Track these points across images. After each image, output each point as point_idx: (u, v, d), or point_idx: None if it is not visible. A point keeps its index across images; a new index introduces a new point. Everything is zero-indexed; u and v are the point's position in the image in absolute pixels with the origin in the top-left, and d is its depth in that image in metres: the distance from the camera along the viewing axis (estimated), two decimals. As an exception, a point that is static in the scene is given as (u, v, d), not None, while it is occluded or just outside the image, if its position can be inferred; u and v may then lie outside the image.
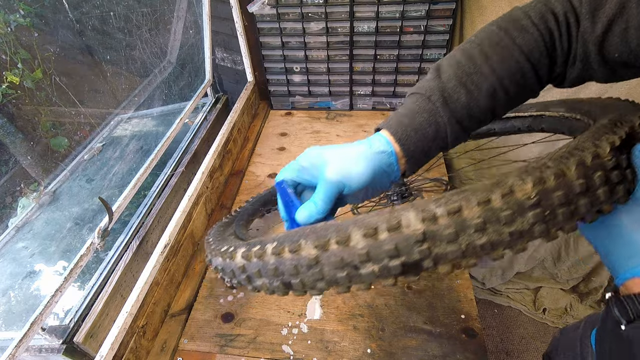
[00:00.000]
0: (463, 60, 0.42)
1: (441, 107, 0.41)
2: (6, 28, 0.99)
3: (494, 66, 0.41)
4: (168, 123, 1.08)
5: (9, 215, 0.93)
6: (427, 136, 0.42)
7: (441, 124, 0.42)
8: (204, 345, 0.69)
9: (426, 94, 0.42)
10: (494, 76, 0.41)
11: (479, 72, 0.41)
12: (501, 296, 1.64)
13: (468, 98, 0.41)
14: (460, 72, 0.42)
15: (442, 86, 0.42)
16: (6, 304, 0.79)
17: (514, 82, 0.42)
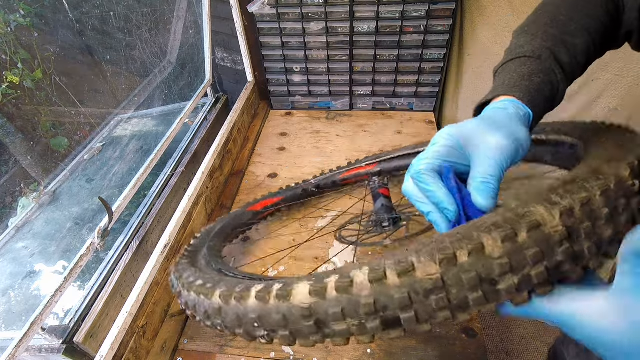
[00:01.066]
0: (549, 22, 0.44)
1: (554, 66, 0.42)
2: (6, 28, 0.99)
3: (581, 23, 0.43)
4: (168, 123, 1.08)
5: (9, 215, 0.93)
6: (545, 96, 0.41)
7: (555, 83, 0.42)
8: (204, 345, 0.69)
9: (534, 54, 0.42)
10: (585, 34, 0.43)
11: (571, 33, 0.43)
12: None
13: (569, 56, 0.42)
14: (555, 31, 0.43)
15: (546, 46, 0.42)
16: (6, 304, 0.79)
17: (601, 34, 0.43)
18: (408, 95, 1.26)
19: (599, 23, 0.44)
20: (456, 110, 1.26)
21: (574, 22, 0.43)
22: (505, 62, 0.45)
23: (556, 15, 0.44)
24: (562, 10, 0.45)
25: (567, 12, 0.44)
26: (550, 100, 0.42)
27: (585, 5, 0.44)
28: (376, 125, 1.25)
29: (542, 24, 0.44)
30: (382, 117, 1.28)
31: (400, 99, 1.27)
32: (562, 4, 0.46)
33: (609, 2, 0.44)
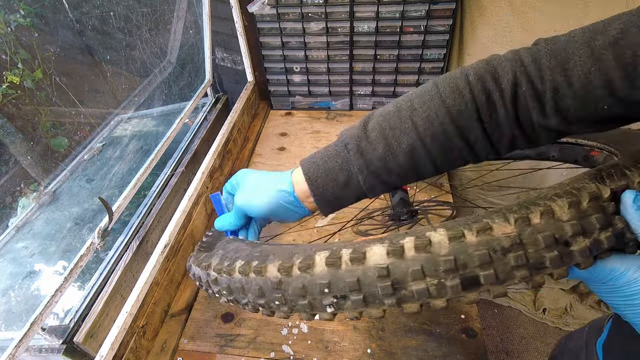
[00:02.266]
0: (392, 111, 0.41)
1: (354, 156, 0.41)
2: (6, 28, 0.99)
3: (417, 123, 0.39)
4: (168, 123, 1.08)
5: (9, 215, 0.93)
6: (338, 182, 0.42)
7: (353, 173, 0.41)
8: (204, 345, 0.69)
9: (345, 140, 0.42)
10: (414, 133, 0.39)
11: (402, 127, 0.39)
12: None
13: (385, 151, 0.40)
14: (385, 124, 0.40)
15: (363, 136, 0.41)
16: (6, 304, 0.79)
17: (437, 143, 0.39)
18: (408, 95, 1.26)
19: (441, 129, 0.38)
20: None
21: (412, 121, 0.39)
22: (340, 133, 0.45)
23: (401, 107, 0.40)
24: (415, 102, 0.40)
25: (416, 105, 0.40)
26: (348, 186, 0.42)
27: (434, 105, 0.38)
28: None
29: (385, 112, 0.42)
30: (382, 117, 1.28)
31: (400, 99, 1.27)
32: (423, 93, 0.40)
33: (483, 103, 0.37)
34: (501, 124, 0.38)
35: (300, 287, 0.32)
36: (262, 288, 0.35)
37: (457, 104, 0.38)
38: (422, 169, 0.41)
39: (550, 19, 0.96)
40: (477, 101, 0.38)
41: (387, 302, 0.31)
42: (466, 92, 0.38)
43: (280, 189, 0.45)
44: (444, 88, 0.39)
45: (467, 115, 0.38)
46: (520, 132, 0.38)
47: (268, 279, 0.34)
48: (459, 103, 0.38)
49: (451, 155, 0.40)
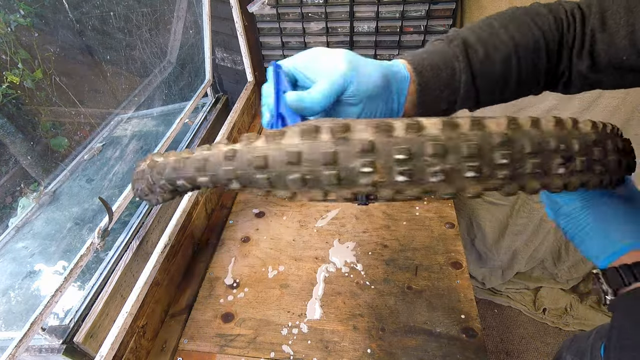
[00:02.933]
0: (482, 26, 0.43)
1: (460, 52, 0.40)
2: (6, 28, 0.99)
3: (511, 33, 0.41)
4: (168, 123, 1.08)
5: (9, 215, 0.94)
6: (441, 78, 0.40)
7: (457, 70, 0.40)
8: (204, 345, 0.69)
9: (447, 38, 0.42)
10: (511, 42, 0.41)
11: (497, 36, 0.41)
12: (501, 296, 1.64)
13: (484, 55, 0.41)
14: (479, 32, 0.42)
15: (463, 36, 0.41)
16: (6, 304, 0.79)
17: (528, 54, 0.41)
18: (408, 95, 1.26)
19: (532, 42, 0.41)
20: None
21: (505, 30, 0.41)
22: (430, 41, 0.45)
23: (493, 20, 0.43)
24: (502, 18, 0.43)
25: (504, 21, 0.43)
26: (448, 86, 0.41)
27: (527, 21, 0.42)
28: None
29: (477, 24, 0.44)
30: (382, 117, 1.28)
31: (400, 99, 1.27)
32: (506, 13, 0.44)
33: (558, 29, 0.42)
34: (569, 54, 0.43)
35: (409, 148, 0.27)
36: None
37: (543, 23, 0.42)
38: (510, 83, 0.42)
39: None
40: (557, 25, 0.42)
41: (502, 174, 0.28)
42: (548, 16, 0.42)
43: (394, 65, 0.40)
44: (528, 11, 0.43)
45: (551, 35, 0.42)
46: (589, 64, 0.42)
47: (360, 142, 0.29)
48: (543, 23, 0.42)
49: (534, 72, 0.43)
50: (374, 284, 0.76)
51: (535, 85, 0.45)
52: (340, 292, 0.75)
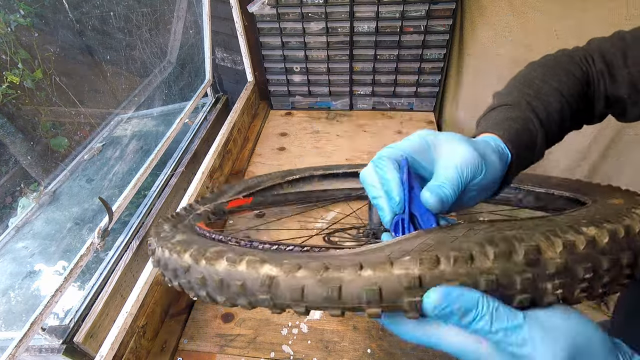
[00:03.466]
0: (523, 84, 0.46)
1: (532, 115, 0.42)
2: (6, 28, 0.99)
3: (554, 85, 0.45)
4: (168, 123, 1.08)
5: (9, 215, 0.94)
6: (525, 142, 0.41)
7: (533, 132, 0.42)
8: (204, 345, 0.69)
9: (514, 103, 0.44)
10: (557, 93, 0.44)
11: (545, 93, 0.44)
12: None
13: (545, 111, 0.43)
14: (526, 92, 0.44)
15: (524, 98, 0.44)
16: (6, 304, 0.79)
17: (573, 99, 0.45)
18: (408, 95, 1.26)
19: (572, 89, 0.45)
20: (456, 110, 1.26)
21: (547, 85, 0.45)
22: (487, 112, 0.46)
23: (530, 79, 0.46)
24: (536, 74, 0.47)
25: (541, 76, 0.46)
26: (529, 148, 0.42)
27: (558, 72, 0.46)
28: (376, 125, 1.25)
29: (518, 85, 0.46)
30: (382, 117, 1.28)
31: (400, 99, 1.27)
32: (534, 71, 0.47)
33: (581, 75, 0.46)
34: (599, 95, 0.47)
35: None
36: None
37: (577, 71, 0.46)
38: (564, 127, 0.45)
39: (550, 19, 0.96)
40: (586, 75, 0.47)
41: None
42: (580, 65, 0.47)
43: (498, 149, 0.39)
44: (559, 62, 0.48)
45: (588, 80, 0.47)
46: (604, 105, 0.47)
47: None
48: (578, 71, 0.46)
49: (582, 115, 0.47)
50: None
51: (580, 125, 0.49)
52: (340, 292, 0.75)
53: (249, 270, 0.31)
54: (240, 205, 0.78)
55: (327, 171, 0.92)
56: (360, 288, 0.28)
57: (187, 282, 0.35)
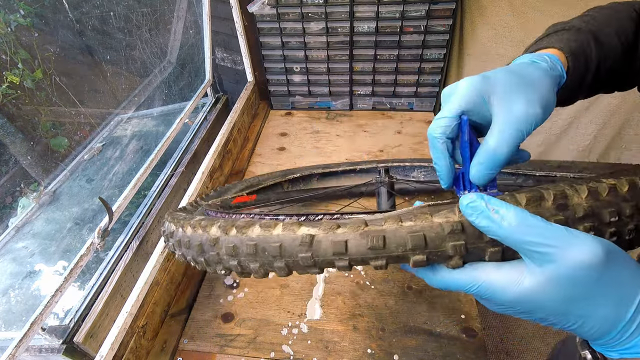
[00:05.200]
0: (587, 18, 0.44)
1: (591, 40, 0.41)
2: (6, 28, 0.99)
3: (616, 31, 0.42)
4: (168, 123, 1.08)
5: (9, 215, 0.93)
6: (580, 61, 0.40)
7: (589, 57, 0.41)
8: (204, 345, 0.69)
9: (574, 27, 0.42)
10: (616, 39, 0.42)
11: (604, 32, 0.42)
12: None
13: (605, 41, 0.42)
14: (589, 26, 0.43)
15: (584, 25, 0.42)
16: (6, 304, 0.79)
17: (629, 46, 0.43)
18: (408, 95, 1.26)
19: (628, 38, 0.43)
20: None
21: (609, 27, 0.43)
22: (547, 33, 0.45)
23: (592, 16, 0.45)
24: (598, 15, 0.45)
25: (603, 19, 0.44)
26: (583, 71, 0.41)
27: (621, 17, 0.44)
28: (376, 125, 1.25)
29: (579, 19, 0.45)
30: (382, 117, 1.28)
31: (400, 99, 1.27)
32: (596, 12, 0.46)
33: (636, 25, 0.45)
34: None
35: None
36: None
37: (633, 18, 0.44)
38: (612, 74, 0.43)
39: (550, 19, 0.96)
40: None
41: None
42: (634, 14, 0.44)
43: (555, 73, 0.37)
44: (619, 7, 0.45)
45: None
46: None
47: None
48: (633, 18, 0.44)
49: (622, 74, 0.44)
50: (374, 284, 0.76)
51: (624, 84, 0.47)
52: (340, 292, 0.75)
53: (286, 233, 0.31)
54: (245, 202, 0.78)
55: (326, 169, 0.92)
56: (404, 235, 0.29)
57: (215, 254, 0.34)
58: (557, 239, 0.26)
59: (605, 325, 0.26)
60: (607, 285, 0.26)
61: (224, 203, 0.71)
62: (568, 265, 0.25)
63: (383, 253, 0.29)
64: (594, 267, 0.25)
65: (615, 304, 0.26)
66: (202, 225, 0.36)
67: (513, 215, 0.27)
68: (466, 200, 0.28)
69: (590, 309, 0.26)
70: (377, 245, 0.29)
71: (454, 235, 0.28)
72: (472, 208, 0.28)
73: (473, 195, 0.28)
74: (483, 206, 0.27)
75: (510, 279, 0.28)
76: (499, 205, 0.27)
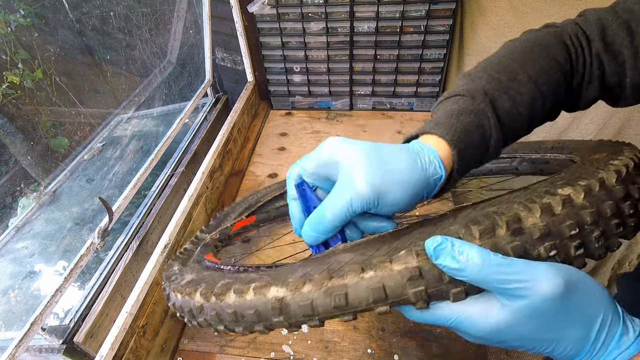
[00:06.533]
0: (496, 68, 0.41)
1: (488, 109, 0.38)
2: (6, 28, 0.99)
3: (530, 74, 0.39)
4: (168, 123, 1.08)
5: (9, 215, 0.93)
6: (473, 140, 0.37)
7: (486, 129, 0.38)
8: (204, 345, 0.69)
9: (468, 94, 0.39)
10: (533, 85, 0.39)
11: (518, 81, 0.39)
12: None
13: (511, 105, 0.38)
14: (498, 78, 0.39)
15: (485, 88, 0.39)
16: (6, 304, 0.79)
17: (550, 93, 0.40)
18: (408, 95, 1.26)
19: (551, 78, 0.40)
20: (456, 110, 1.26)
21: (524, 72, 0.39)
22: (440, 101, 0.42)
23: (507, 62, 0.41)
24: (515, 56, 0.41)
25: (519, 60, 0.40)
26: (479, 146, 0.38)
27: (537, 57, 0.40)
28: (376, 125, 1.25)
29: (489, 69, 0.41)
30: (382, 117, 1.28)
31: (400, 99, 1.27)
32: (511, 52, 0.42)
33: (565, 60, 0.41)
34: (579, 81, 0.42)
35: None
36: None
37: (557, 54, 0.40)
38: (533, 120, 0.41)
39: (550, 19, 0.96)
40: (567, 55, 0.41)
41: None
42: (559, 46, 0.41)
43: (431, 173, 0.35)
44: (537, 43, 0.42)
45: (569, 65, 0.41)
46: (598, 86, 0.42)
47: None
48: (557, 54, 0.40)
49: (556, 104, 0.42)
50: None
51: (556, 115, 0.44)
52: (340, 292, 0.75)
53: (257, 297, 0.31)
54: (245, 226, 0.78)
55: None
56: (365, 289, 0.29)
57: (204, 320, 0.35)
58: (519, 274, 0.27)
59: (576, 346, 0.28)
60: (572, 310, 0.28)
61: (222, 234, 0.71)
62: (534, 300, 0.27)
63: (347, 309, 0.29)
64: (557, 298, 0.27)
65: (581, 326, 0.28)
66: (188, 292, 0.37)
67: (477, 255, 0.27)
68: (432, 243, 0.28)
69: (560, 333, 0.28)
70: (340, 304, 0.29)
71: (413, 282, 0.28)
72: (440, 250, 0.27)
73: (439, 237, 0.28)
74: (449, 248, 0.27)
75: (482, 313, 0.29)
76: (462, 246, 0.27)
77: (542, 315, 0.27)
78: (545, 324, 0.28)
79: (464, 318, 0.29)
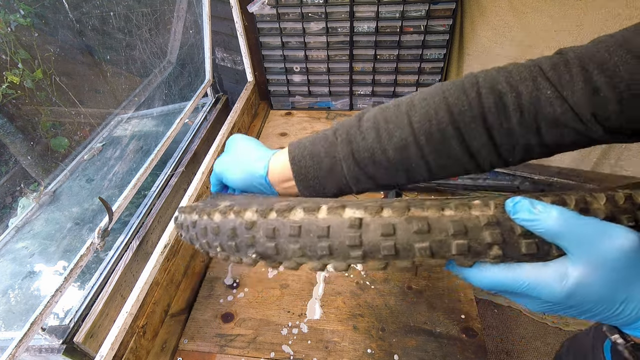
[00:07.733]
0: (391, 105, 0.40)
1: (340, 143, 0.40)
2: (6, 28, 0.99)
3: (413, 118, 0.37)
4: (168, 123, 1.08)
5: (9, 215, 0.93)
6: (322, 167, 0.42)
7: (337, 159, 0.41)
8: (204, 345, 0.69)
9: (335, 127, 0.43)
10: (409, 129, 0.37)
11: (396, 121, 0.38)
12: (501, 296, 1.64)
13: (374, 142, 0.38)
14: (380, 116, 0.40)
15: (355, 124, 0.41)
16: (6, 304, 0.79)
17: (432, 143, 0.37)
18: (408, 95, 1.26)
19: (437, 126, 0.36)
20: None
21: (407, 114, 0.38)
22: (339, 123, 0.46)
23: (400, 102, 0.40)
24: (413, 98, 0.39)
25: (412, 102, 0.38)
26: (332, 173, 0.41)
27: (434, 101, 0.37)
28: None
29: (384, 105, 0.41)
30: (382, 117, 1.28)
31: (400, 99, 1.27)
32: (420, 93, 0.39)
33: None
34: (514, 131, 0.35)
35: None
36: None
37: (460, 103, 0.35)
38: (413, 169, 0.39)
39: (550, 19, 0.96)
40: (485, 102, 0.35)
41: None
42: (472, 91, 0.35)
43: (254, 171, 0.46)
44: (449, 86, 0.37)
45: (471, 118, 0.35)
46: (539, 141, 0.36)
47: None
48: (462, 102, 0.35)
49: (447, 160, 0.38)
50: (374, 284, 0.76)
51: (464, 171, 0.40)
52: (340, 292, 0.75)
53: (332, 216, 0.31)
54: None
55: None
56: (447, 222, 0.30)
57: (250, 237, 0.33)
58: (595, 229, 0.28)
59: None
60: None
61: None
62: (609, 253, 0.27)
63: (428, 238, 0.30)
64: (632, 252, 0.27)
65: None
66: (235, 210, 0.35)
67: (554, 211, 0.28)
68: (512, 201, 0.30)
69: (632, 292, 0.28)
70: (423, 229, 0.30)
71: (490, 227, 0.30)
72: (519, 206, 0.29)
73: (518, 197, 0.30)
74: (528, 204, 0.29)
75: (557, 276, 0.29)
76: (540, 204, 0.29)
77: (618, 271, 0.27)
78: (621, 280, 0.28)
79: (537, 282, 0.29)
